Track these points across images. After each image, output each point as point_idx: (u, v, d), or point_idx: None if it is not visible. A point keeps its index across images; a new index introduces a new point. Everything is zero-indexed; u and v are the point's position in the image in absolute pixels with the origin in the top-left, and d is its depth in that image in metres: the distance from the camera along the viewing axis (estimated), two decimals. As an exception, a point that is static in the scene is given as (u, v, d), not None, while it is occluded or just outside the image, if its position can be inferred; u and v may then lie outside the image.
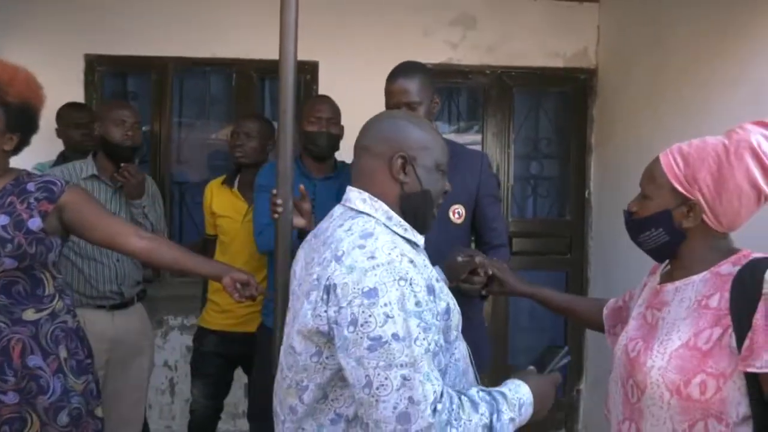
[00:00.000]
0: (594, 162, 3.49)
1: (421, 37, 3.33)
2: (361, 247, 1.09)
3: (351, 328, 1.04)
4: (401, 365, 1.02)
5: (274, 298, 1.65)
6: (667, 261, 1.34)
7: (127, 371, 2.43)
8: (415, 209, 1.23)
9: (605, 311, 1.55)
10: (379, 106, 3.25)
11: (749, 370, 1.09)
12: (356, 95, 3.26)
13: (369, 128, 1.28)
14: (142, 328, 2.50)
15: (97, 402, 1.80)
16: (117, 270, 2.39)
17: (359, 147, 1.26)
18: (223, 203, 2.56)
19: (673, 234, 1.24)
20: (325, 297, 1.08)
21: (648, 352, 1.21)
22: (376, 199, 1.21)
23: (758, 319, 1.10)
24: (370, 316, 1.03)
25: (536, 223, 3.65)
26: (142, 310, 2.53)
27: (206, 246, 2.69)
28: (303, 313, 1.12)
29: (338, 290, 1.06)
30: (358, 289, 1.05)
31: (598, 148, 3.46)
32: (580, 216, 3.54)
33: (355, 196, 1.22)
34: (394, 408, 1.01)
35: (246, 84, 3.38)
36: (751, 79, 2.13)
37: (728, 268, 1.19)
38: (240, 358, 2.58)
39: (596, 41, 3.44)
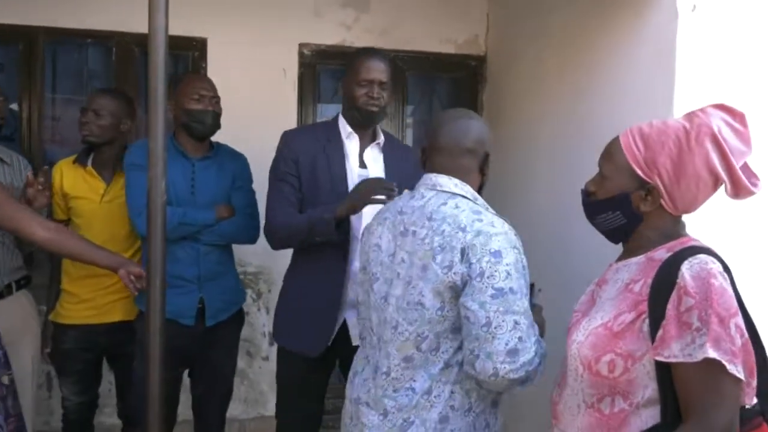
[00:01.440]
0: (484, 147, 3.59)
1: (312, 17, 3.28)
2: (479, 219, 1.37)
3: (479, 279, 1.32)
4: (514, 312, 1.30)
5: (147, 278, 1.58)
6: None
7: (24, 363, 2.28)
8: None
9: None
10: (267, 84, 3.21)
11: (658, 359, 1.12)
12: (245, 73, 3.18)
13: (468, 131, 1.49)
14: (24, 317, 2.30)
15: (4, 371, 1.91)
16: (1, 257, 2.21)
17: (464, 149, 1.48)
18: (77, 184, 2.37)
19: (630, 217, 1.25)
20: (459, 256, 1.34)
21: (577, 325, 1.27)
22: (464, 183, 1.48)
23: (670, 309, 1.11)
24: (495, 271, 1.31)
25: (430, 206, 3.72)
26: (23, 298, 2.32)
27: None
28: (433, 272, 1.36)
29: (471, 250, 1.33)
30: (486, 249, 1.33)
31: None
32: (471, 199, 3.64)
33: (446, 181, 1.47)
34: (506, 344, 1.29)
35: (127, 58, 3.17)
36: (626, 63, 2.23)
37: (662, 254, 1.20)
38: (105, 350, 2.45)
39: (486, 29, 3.54)
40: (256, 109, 3.12)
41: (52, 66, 3.19)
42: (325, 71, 3.48)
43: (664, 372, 1.14)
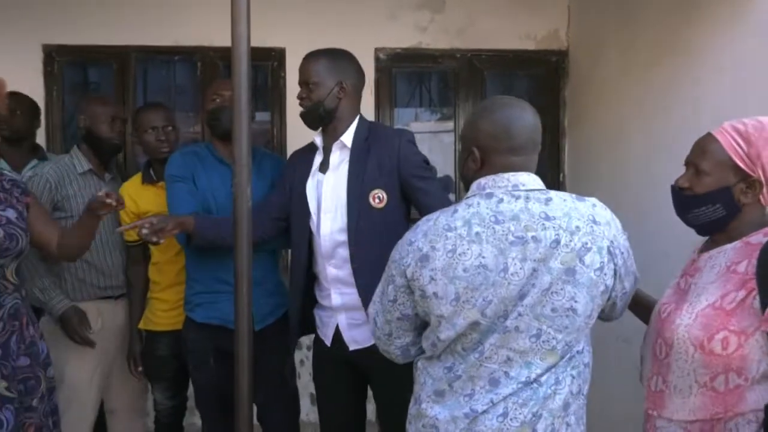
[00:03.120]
0: (568, 144, 3.46)
1: (387, 20, 3.27)
2: (593, 205, 1.37)
3: (627, 261, 1.39)
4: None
5: (236, 286, 1.60)
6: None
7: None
8: None
9: None
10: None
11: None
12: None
13: (534, 123, 1.41)
14: (120, 325, 2.47)
15: None
16: (123, 258, 2.43)
17: (536, 143, 1.41)
18: (154, 202, 2.38)
19: (730, 209, 1.33)
20: (607, 255, 1.32)
21: (678, 312, 1.33)
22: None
23: None
24: (628, 245, 1.39)
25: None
26: (126, 303, 2.50)
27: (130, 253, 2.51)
28: (585, 276, 1.30)
29: (614, 242, 1.34)
30: (619, 232, 1.37)
31: (572, 130, 3.43)
32: (555, 199, 3.51)
33: (527, 179, 1.38)
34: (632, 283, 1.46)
35: (211, 72, 3.29)
36: (721, 57, 2.10)
37: (758, 238, 1.29)
38: None
39: (567, 22, 3.40)
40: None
41: (143, 83, 3.36)
42: (401, 75, 3.47)
43: None
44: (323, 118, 1.96)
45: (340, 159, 1.98)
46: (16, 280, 1.85)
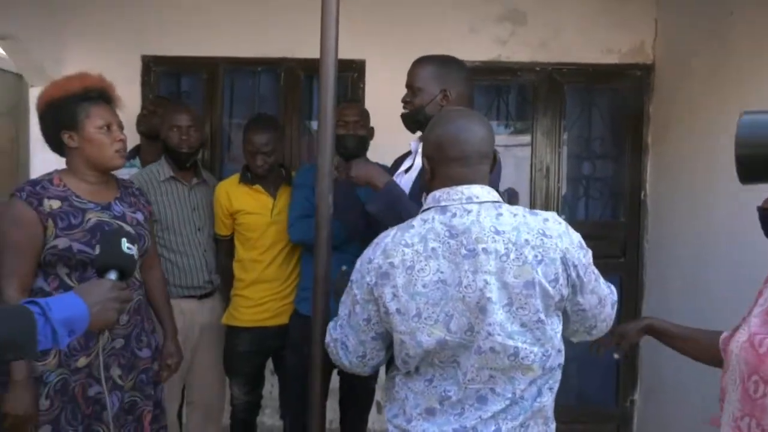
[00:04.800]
0: (651, 162, 3.35)
1: (467, 33, 3.28)
2: (545, 219, 1.37)
3: (584, 275, 1.38)
4: (599, 276, 1.45)
5: (313, 287, 1.66)
6: None
7: (212, 357, 2.58)
8: None
9: (721, 341, 1.42)
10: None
11: None
12: (402, 92, 3.25)
13: (479, 133, 1.41)
14: (212, 320, 2.60)
15: None
16: (206, 261, 2.54)
17: (482, 155, 1.41)
18: (247, 201, 2.55)
19: None
20: (561, 267, 1.33)
21: None
22: (491, 188, 1.43)
23: None
24: (586, 259, 1.39)
25: (588, 226, 3.53)
26: (219, 299, 2.65)
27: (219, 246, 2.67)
28: (541, 287, 1.31)
29: (568, 254, 1.34)
30: (575, 246, 1.38)
31: (655, 147, 3.32)
32: (635, 218, 3.40)
33: (480, 191, 1.39)
34: (612, 306, 1.49)
35: (293, 82, 3.41)
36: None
37: None
38: (272, 352, 2.62)
39: (654, 35, 3.30)
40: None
41: (230, 92, 3.52)
42: (479, 87, 3.46)
43: None
44: (422, 124, 1.99)
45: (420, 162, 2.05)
46: (140, 277, 1.99)
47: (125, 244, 1.38)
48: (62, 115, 1.82)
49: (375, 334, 1.44)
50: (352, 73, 3.34)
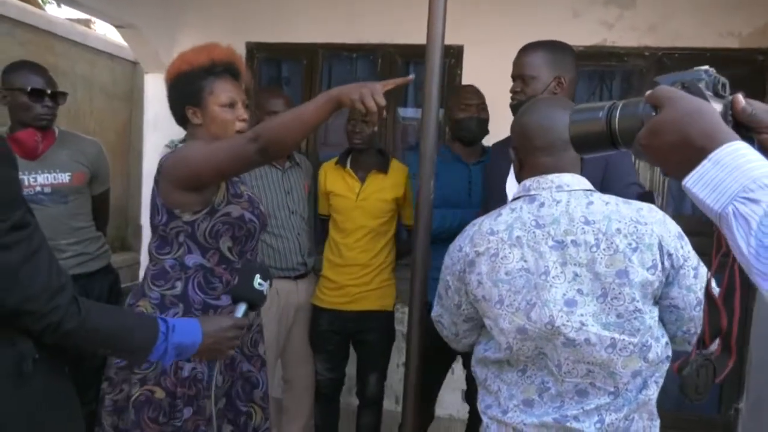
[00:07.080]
0: (769, 154, 3.09)
1: (570, 18, 3.16)
2: (640, 209, 1.33)
3: (683, 266, 1.31)
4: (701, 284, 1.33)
5: (411, 270, 1.68)
6: None
7: (305, 336, 2.67)
8: None
9: None
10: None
11: None
12: (500, 78, 3.19)
13: (561, 121, 1.34)
14: (306, 299, 2.67)
15: None
16: (300, 243, 2.60)
17: (567, 142, 1.37)
18: (337, 183, 2.61)
19: None
20: (659, 253, 1.28)
21: None
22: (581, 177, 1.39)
23: None
24: (688, 252, 1.32)
25: (695, 221, 3.32)
26: (313, 276, 2.72)
27: (324, 226, 2.76)
28: (638, 275, 1.27)
29: (664, 242, 1.29)
30: (673, 236, 1.31)
31: (776, 138, 3.06)
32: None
33: (571, 179, 1.36)
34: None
35: (390, 68, 3.43)
36: None
37: None
38: (351, 335, 2.66)
39: (780, 17, 3.04)
40: (510, 114, 3.13)
41: (328, 78, 3.60)
42: (582, 74, 3.33)
43: None
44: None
45: None
46: None
47: (257, 280, 1.48)
48: (187, 90, 1.75)
49: (466, 318, 1.48)
50: (450, 59, 3.31)
